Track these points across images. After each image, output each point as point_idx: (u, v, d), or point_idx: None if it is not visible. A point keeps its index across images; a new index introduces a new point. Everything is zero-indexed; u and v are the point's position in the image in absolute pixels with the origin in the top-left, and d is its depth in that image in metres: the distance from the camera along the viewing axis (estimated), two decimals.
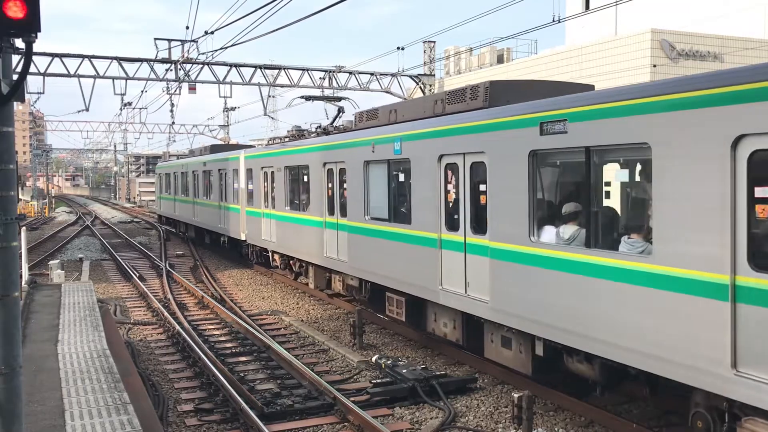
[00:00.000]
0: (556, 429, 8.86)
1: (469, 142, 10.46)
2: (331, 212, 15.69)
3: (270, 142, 22.97)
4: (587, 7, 39.41)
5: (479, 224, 10.43)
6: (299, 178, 17.68)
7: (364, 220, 13.93)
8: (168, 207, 37.60)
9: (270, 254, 20.84)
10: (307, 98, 19.21)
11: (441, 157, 11.21)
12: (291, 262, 19.09)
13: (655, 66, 26.81)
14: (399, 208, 13.01)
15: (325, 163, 15.93)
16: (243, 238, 22.90)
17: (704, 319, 6.71)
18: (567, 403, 9.46)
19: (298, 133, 19.40)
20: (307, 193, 17.00)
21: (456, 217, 11.02)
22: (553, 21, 21.47)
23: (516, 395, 8.49)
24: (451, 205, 11.21)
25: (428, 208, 11.57)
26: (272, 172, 19.65)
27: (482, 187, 10.35)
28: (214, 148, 29.82)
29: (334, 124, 17.91)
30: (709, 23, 31.13)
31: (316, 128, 18.73)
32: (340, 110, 18.76)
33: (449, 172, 11.18)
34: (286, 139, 20.24)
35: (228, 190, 24.56)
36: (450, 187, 11.24)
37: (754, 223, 6.41)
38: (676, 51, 27.58)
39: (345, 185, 14.91)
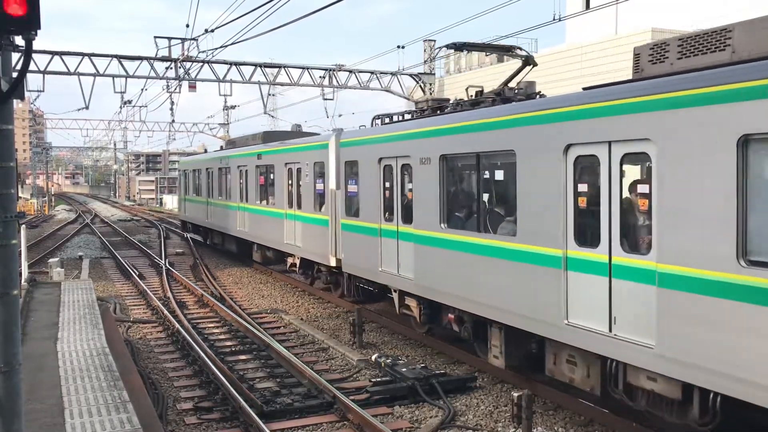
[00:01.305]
0: (555, 428, 8.87)
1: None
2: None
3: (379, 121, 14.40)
4: (588, 6, 39.38)
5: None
6: (472, 175, 11.15)
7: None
8: (197, 212, 30.45)
9: (395, 296, 13.30)
10: (460, 46, 12.13)
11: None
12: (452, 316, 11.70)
13: None
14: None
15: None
16: (332, 263, 16.31)
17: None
18: (567, 401, 9.46)
19: (474, 100, 11.89)
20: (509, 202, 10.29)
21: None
22: (554, 20, 21.45)
23: (515, 394, 8.49)
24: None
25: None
26: (405, 168, 12.72)
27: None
28: (270, 136, 23.36)
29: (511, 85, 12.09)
30: (709, 23, 31.08)
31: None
32: (528, 61, 12.99)
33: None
34: (427, 112, 12.89)
35: (304, 193, 17.98)
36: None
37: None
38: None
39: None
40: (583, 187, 8.44)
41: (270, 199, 21.06)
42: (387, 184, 13.41)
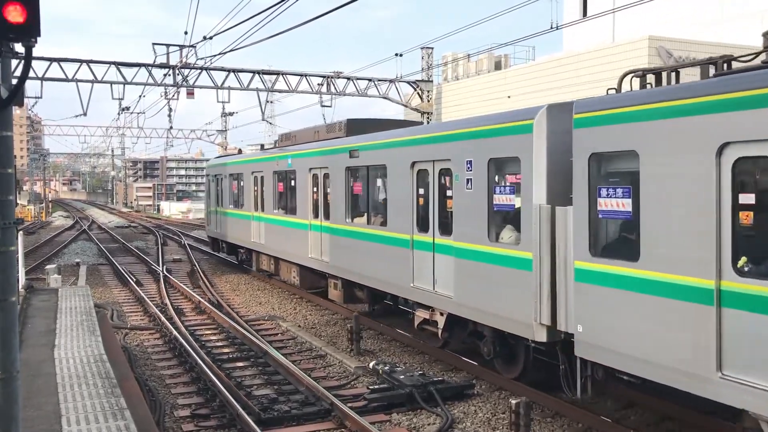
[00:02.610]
0: None
1: None
2: None
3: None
4: (585, 13, 39.55)
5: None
6: None
7: None
8: (237, 229, 23.57)
9: None
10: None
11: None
12: None
13: None
14: None
15: None
16: (543, 338, 9.42)
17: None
18: (565, 409, 9.45)
19: None
20: None
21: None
22: (551, 28, 21.53)
23: (513, 401, 8.47)
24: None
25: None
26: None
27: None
28: (358, 126, 16.32)
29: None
30: (706, 30, 31.25)
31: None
32: None
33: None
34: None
35: (465, 209, 10.92)
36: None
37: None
38: (674, 58, 27.67)
39: None
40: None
41: (376, 218, 14.19)
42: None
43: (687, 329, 6.92)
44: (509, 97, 32.92)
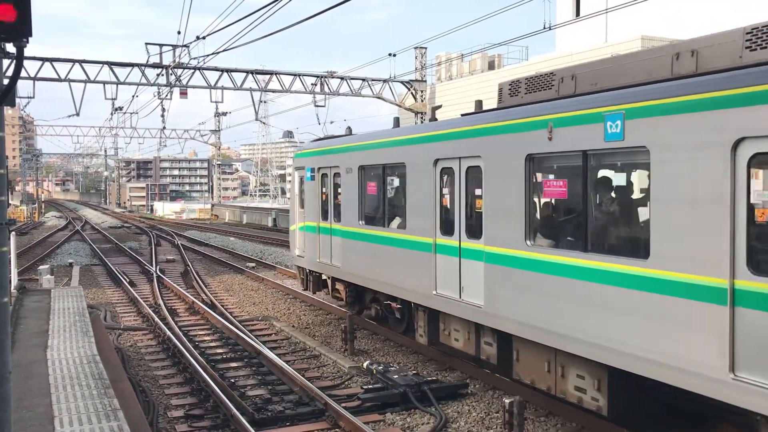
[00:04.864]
0: None
1: None
2: None
3: None
4: (578, 14, 39.63)
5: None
6: None
7: None
8: (369, 263, 13.65)
9: None
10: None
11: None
12: None
13: None
14: None
15: None
16: None
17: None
18: (558, 408, 9.47)
19: None
20: None
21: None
22: (544, 28, 21.58)
23: (507, 401, 8.49)
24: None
25: None
26: None
27: None
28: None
29: None
30: (697, 29, 31.33)
31: None
32: None
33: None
34: None
35: None
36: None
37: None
38: None
39: None
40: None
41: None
42: None
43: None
44: None
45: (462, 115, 11.18)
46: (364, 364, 11.62)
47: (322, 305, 17.77)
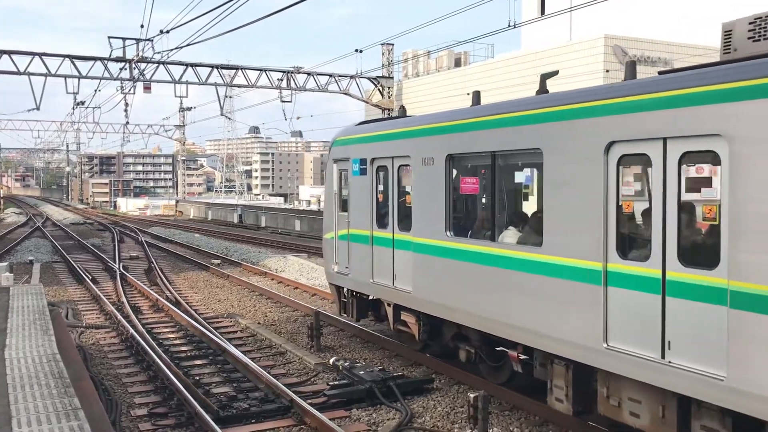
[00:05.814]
0: (511, 428, 8.97)
1: None
2: None
3: None
4: (542, 12, 40.01)
5: None
6: None
7: None
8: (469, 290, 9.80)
9: None
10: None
11: None
12: None
13: (608, 71, 27.39)
14: None
15: None
16: None
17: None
18: (522, 402, 9.59)
19: None
20: None
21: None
22: (509, 26, 21.75)
23: (472, 395, 8.56)
24: None
25: None
26: None
27: None
28: None
29: None
30: (660, 30, 31.91)
31: None
32: None
33: None
34: None
35: None
36: None
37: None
38: (628, 56, 28.21)
39: None
40: None
41: None
42: None
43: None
44: (469, 94, 33.14)
45: (660, 72, 7.66)
46: (331, 361, 11.61)
47: (289, 302, 17.71)
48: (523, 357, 9.08)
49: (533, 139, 8.56)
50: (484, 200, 10.23)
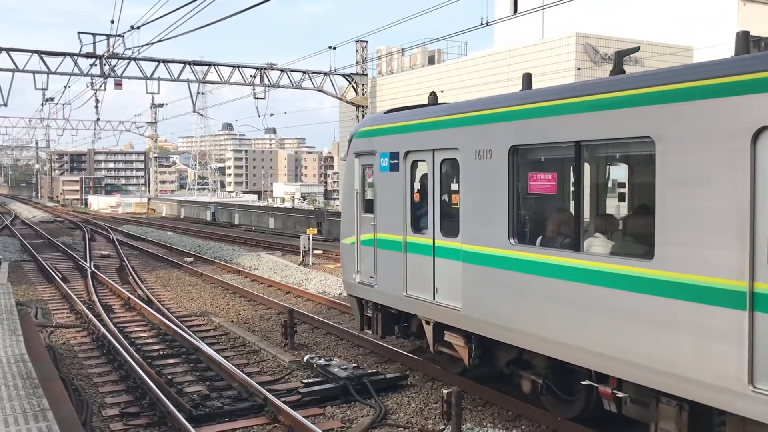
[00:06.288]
0: (484, 423, 9.03)
1: None
2: None
3: None
4: (515, 10, 40.26)
5: None
6: None
7: None
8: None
9: None
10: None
11: None
12: None
13: (579, 69, 27.66)
14: None
15: None
16: None
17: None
18: (495, 398, 9.66)
19: None
20: None
21: None
22: (481, 24, 21.86)
23: (445, 391, 8.60)
24: None
25: None
26: None
27: None
28: None
29: None
30: (631, 29, 32.29)
31: None
32: None
33: None
34: None
35: None
36: None
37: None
38: (599, 55, 28.52)
39: None
40: None
41: None
42: None
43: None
44: (442, 91, 33.26)
45: None
46: (305, 358, 11.59)
47: (263, 300, 17.63)
48: (621, 394, 7.33)
49: (641, 124, 6.80)
50: (562, 201, 8.51)
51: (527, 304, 8.24)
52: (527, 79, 9.20)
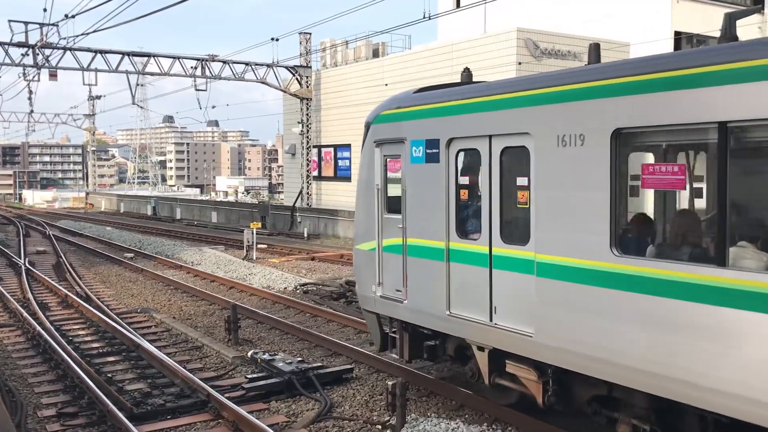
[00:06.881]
0: (429, 413, 9.14)
1: None
2: None
3: None
4: (458, 5, 40.63)
5: None
6: None
7: None
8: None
9: None
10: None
11: None
12: None
13: (520, 63, 28.11)
14: None
15: None
16: None
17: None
18: (438, 388, 9.78)
19: None
20: None
21: None
22: (424, 17, 21.98)
23: (390, 383, 8.67)
24: None
25: None
26: None
27: None
28: None
29: None
30: (569, 26, 32.98)
31: None
32: None
33: None
34: None
35: None
36: None
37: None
38: (540, 50, 29.04)
39: None
40: None
41: None
42: None
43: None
44: (386, 84, 33.35)
45: None
46: (249, 354, 11.50)
47: (205, 296, 17.39)
48: None
49: None
50: (695, 200, 6.65)
51: (634, 332, 6.37)
52: (596, 50, 7.45)
